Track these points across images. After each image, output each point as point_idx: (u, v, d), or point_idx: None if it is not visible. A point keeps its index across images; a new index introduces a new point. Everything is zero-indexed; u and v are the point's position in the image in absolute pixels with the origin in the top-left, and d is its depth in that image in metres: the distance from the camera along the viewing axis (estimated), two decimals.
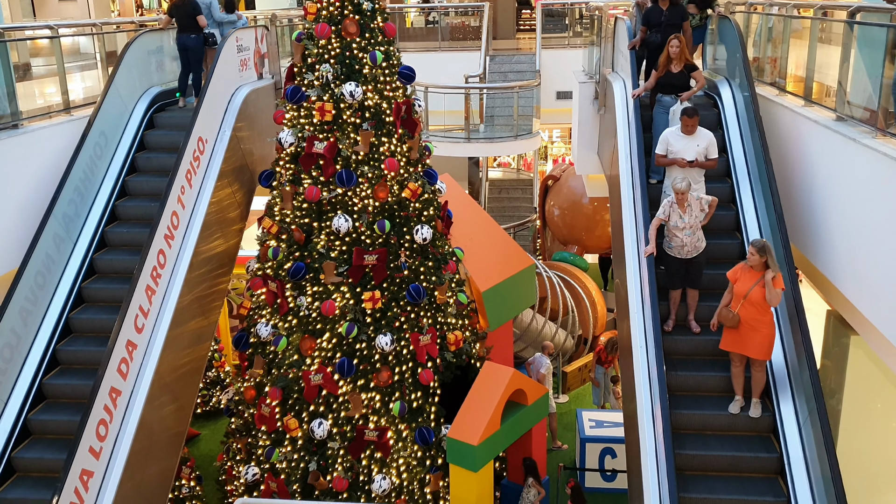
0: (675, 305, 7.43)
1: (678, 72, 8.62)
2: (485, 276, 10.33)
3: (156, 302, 7.88)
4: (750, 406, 6.75)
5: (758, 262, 6.38)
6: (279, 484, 8.74)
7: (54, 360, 7.80)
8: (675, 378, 7.05)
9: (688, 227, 7.13)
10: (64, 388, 7.59)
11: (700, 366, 7.20)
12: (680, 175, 7.55)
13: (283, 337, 9.00)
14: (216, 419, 12.99)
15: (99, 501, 6.72)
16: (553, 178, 18.04)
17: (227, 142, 9.45)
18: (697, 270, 7.29)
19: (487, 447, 8.47)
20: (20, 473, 7.13)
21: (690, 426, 6.82)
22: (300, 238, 9.01)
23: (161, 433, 7.90)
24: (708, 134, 7.80)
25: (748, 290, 6.41)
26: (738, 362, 6.72)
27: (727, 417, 6.76)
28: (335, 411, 8.78)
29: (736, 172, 8.47)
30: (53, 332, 7.86)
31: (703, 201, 7.23)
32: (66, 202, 8.28)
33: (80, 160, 8.51)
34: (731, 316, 6.51)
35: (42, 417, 7.41)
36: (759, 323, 6.44)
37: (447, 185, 10.32)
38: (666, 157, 7.77)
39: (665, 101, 8.74)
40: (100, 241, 8.67)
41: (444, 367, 9.17)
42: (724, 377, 6.99)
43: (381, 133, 9.01)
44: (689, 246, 7.17)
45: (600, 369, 12.90)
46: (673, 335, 7.37)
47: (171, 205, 8.24)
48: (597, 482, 11.08)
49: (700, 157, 7.68)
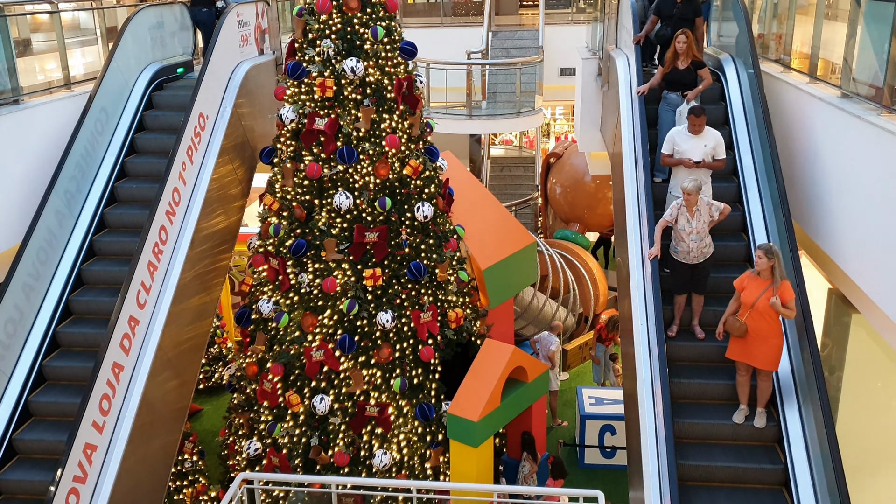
0: (680, 310, 7.24)
1: (685, 68, 8.31)
2: (486, 254, 10.32)
3: (158, 278, 7.89)
4: (755, 416, 6.55)
5: (765, 265, 6.18)
6: (281, 458, 8.80)
7: (55, 342, 7.76)
8: (678, 386, 6.84)
9: (695, 233, 6.90)
10: (64, 371, 7.55)
11: (704, 373, 7.00)
12: (688, 176, 7.34)
13: (284, 313, 9.01)
14: (218, 394, 13.06)
15: (102, 475, 6.78)
16: (555, 156, 17.96)
17: (228, 118, 9.41)
18: (703, 276, 7.09)
19: (487, 423, 8.52)
20: (21, 455, 7.13)
21: (693, 435, 6.63)
22: (301, 215, 8.99)
23: (164, 408, 7.95)
24: (715, 134, 7.57)
25: (755, 299, 6.22)
26: (744, 371, 6.53)
27: (731, 427, 6.57)
28: (336, 387, 8.81)
29: (739, 148, 8.39)
30: (54, 314, 7.82)
31: (713, 208, 6.97)
32: (68, 178, 8.26)
33: (81, 136, 8.47)
34: (738, 325, 6.31)
35: (43, 399, 7.37)
36: (766, 333, 6.24)
37: (448, 163, 10.27)
38: (672, 158, 7.57)
39: (671, 99, 8.43)
40: (100, 222, 8.62)
41: (445, 345, 9.19)
42: (728, 385, 6.80)
43: (382, 109, 8.95)
44: (696, 252, 6.96)
45: (601, 347, 12.94)
46: (676, 341, 7.17)
47: (173, 181, 8.22)
48: (596, 458, 11.16)
49: (707, 157, 7.46)
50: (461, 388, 8.66)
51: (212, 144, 9.11)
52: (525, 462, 9.52)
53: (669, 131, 7.74)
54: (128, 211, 8.74)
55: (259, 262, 9.34)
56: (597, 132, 12.10)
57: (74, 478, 6.38)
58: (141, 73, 9.89)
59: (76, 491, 6.39)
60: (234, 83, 9.85)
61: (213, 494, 10.06)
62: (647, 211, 7.66)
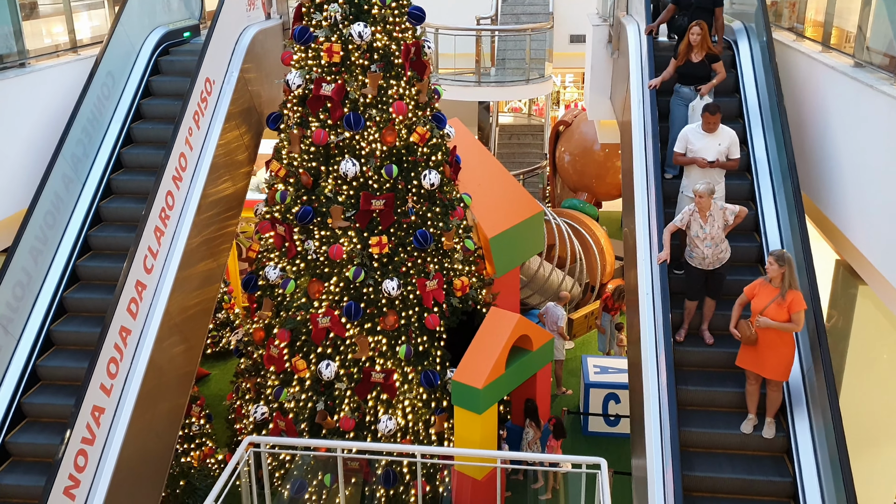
0: (690, 315, 7.07)
1: (699, 62, 8.03)
2: (492, 223, 10.31)
3: (164, 243, 7.91)
4: (763, 425, 6.42)
5: (776, 273, 6.02)
6: (287, 423, 8.91)
7: (62, 308, 7.79)
8: (685, 393, 6.70)
9: (709, 238, 6.70)
10: (71, 336, 7.57)
11: (712, 379, 6.83)
12: (701, 176, 7.15)
13: (291, 280, 9.05)
14: (226, 359, 13.19)
15: (110, 437, 6.87)
16: (564, 124, 17.83)
17: (234, 83, 9.33)
18: (719, 281, 6.90)
19: (492, 390, 8.58)
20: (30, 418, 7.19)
21: (700, 444, 6.50)
22: (308, 182, 8.98)
23: (171, 372, 8.03)
24: (730, 132, 7.33)
25: (764, 307, 6.07)
26: (753, 380, 6.39)
27: (738, 437, 6.44)
28: (342, 353, 8.88)
29: (749, 118, 8.29)
30: (61, 280, 7.85)
31: (727, 212, 6.75)
32: (75, 142, 8.25)
33: (88, 100, 8.43)
34: (749, 333, 6.16)
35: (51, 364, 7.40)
36: (777, 342, 6.11)
37: (456, 130, 10.23)
38: (685, 156, 7.35)
39: (683, 93, 8.14)
40: (106, 188, 8.62)
41: (450, 313, 9.22)
42: (736, 392, 6.67)
43: (389, 75, 8.88)
44: (711, 258, 6.76)
45: (606, 317, 12.96)
46: (684, 346, 7.03)
47: (179, 146, 8.18)
48: (600, 427, 11.25)
49: (721, 157, 7.23)
50: (466, 356, 8.71)
51: (218, 110, 9.06)
52: (528, 429, 9.60)
53: (682, 129, 7.48)
54: (134, 177, 8.73)
55: (266, 229, 9.36)
56: (606, 100, 11.98)
57: (83, 439, 6.47)
58: (147, 36, 9.82)
59: (84, 452, 6.48)
60: (241, 48, 9.77)
61: (220, 457, 10.21)
62: (655, 181, 7.60)
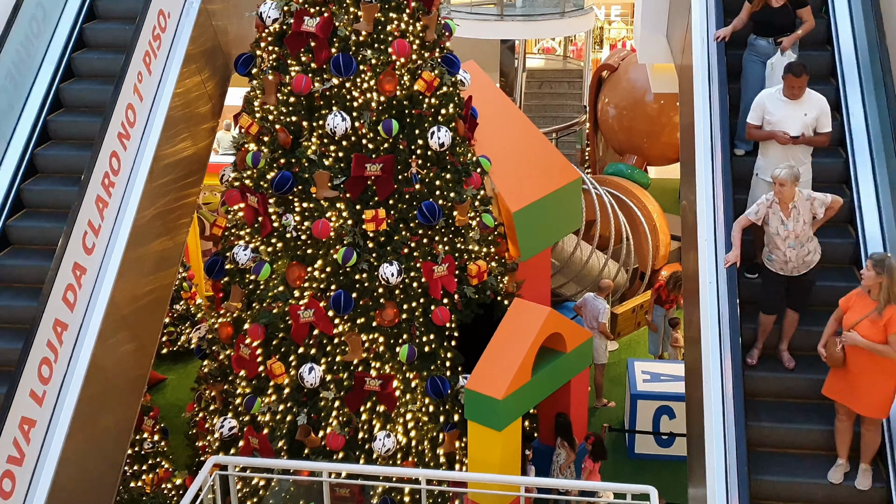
0: (766, 333, 7.01)
1: (780, 6, 7.85)
2: (517, 193, 10.31)
3: (108, 217, 7.96)
4: (857, 474, 6.30)
5: (872, 281, 5.90)
6: (261, 440, 8.99)
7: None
8: (757, 430, 6.62)
9: (792, 237, 6.61)
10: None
11: (791, 413, 6.75)
12: (781, 156, 7.01)
13: (265, 263, 9.09)
14: (185, 361, 13.32)
15: (42, 456, 6.95)
16: (609, 69, 17.77)
17: (194, 16, 9.34)
18: (804, 290, 6.85)
19: (515, 402, 8.62)
20: None
21: (776, 496, 6.41)
22: (286, 141, 8.99)
23: (118, 376, 8.11)
24: (820, 99, 7.16)
25: (855, 323, 5.94)
26: (844, 416, 6.27)
27: (826, 487, 6.34)
28: (329, 355, 8.94)
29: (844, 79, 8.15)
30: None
31: (815, 203, 6.64)
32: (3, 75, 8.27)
33: (20, 23, 8.44)
34: (835, 352, 6.05)
35: None
36: (872, 369, 5.95)
37: (472, 76, 10.20)
38: (761, 129, 7.21)
39: (759, 46, 7.99)
40: (41, 134, 8.62)
41: (464, 305, 9.25)
42: (823, 431, 6.57)
43: (388, 7, 8.86)
44: (796, 261, 6.69)
45: (659, 311, 12.97)
46: (757, 371, 6.96)
47: (126, 95, 8.22)
48: (650, 447, 11.30)
49: (808, 130, 7.08)
50: (483, 359, 8.75)
51: (174, 50, 9.07)
52: (560, 449, 9.65)
53: (758, 95, 7.35)
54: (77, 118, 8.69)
55: (234, 200, 9.39)
56: (662, 38, 11.92)
57: (9, 458, 6.54)
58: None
59: (11, 474, 6.55)
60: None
61: (179, 482, 10.31)
62: (723, 140, 7.56)
